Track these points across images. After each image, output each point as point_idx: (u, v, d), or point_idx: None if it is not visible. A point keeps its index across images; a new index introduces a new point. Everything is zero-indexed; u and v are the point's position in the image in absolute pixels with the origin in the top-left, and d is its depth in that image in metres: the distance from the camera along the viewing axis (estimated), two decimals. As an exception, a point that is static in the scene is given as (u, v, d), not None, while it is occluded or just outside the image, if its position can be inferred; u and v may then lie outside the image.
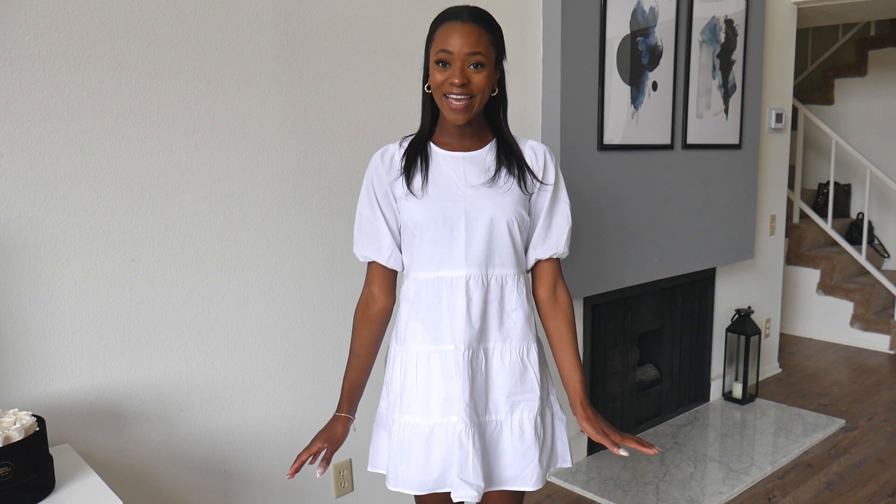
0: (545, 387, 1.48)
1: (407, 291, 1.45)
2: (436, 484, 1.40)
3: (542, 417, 1.46)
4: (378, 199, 1.44)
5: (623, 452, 1.37)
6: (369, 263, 1.50)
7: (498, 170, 1.40)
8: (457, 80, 1.30)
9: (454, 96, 1.32)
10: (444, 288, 1.39)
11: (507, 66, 1.44)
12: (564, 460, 1.51)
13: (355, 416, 1.51)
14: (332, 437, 1.46)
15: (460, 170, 1.40)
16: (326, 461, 1.43)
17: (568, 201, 1.49)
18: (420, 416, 1.41)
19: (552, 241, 1.47)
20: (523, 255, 1.46)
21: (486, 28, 1.33)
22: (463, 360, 1.38)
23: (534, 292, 1.51)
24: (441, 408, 1.40)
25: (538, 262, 1.49)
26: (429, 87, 1.38)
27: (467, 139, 1.43)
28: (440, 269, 1.39)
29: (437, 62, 1.33)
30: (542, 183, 1.44)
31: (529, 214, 1.44)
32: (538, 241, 1.46)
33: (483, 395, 1.41)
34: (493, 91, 1.39)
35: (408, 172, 1.40)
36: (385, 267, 1.48)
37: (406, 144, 1.45)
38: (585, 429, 1.42)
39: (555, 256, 1.48)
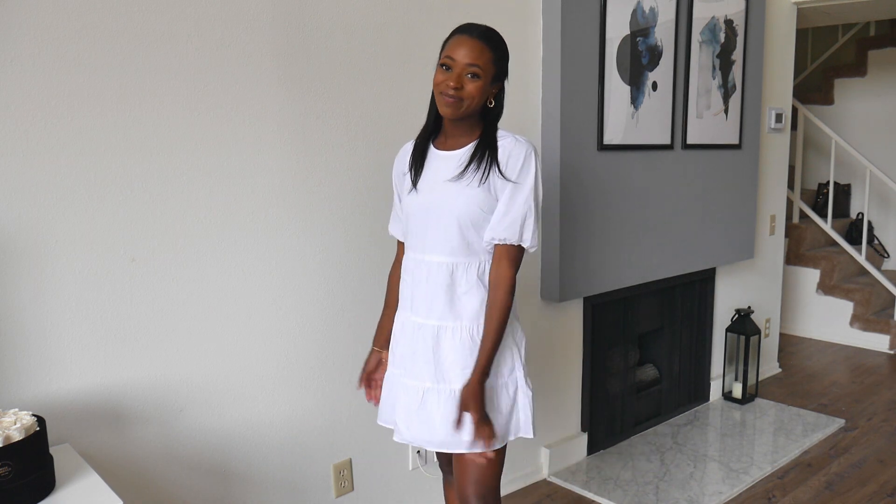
0: (506, 363, 1.61)
1: (402, 265, 1.71)
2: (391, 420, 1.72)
3: (498, 390, 1.60)
4: (398, 188, 1.73)
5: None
6: (398, 240, 1.80)
7: (465, 168, 1.56)
8: (452, 84, 1.50)
9: (447, 95, 1.51)
10: (413, 267, 1.64)
11: (508, 71, 1.60)
12: (527, 431, 1.64)
13: (387, 350, 1.81)
14: (366, 366, 1.86)
15: (439, 168, 1.61)
16: (367, 384, 1.86)
17: (532, 194, 1.54)
18: (395, 367, 1.71)
19: (504, 226, 1.54)
20: (481, 247, 1.58)
21: (491, 47, 1.52)
22: (414, 328, 1.63)
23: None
24: (397, 361, 1.69)
25: (495, 244, 1.57)
26: None
27: (454, 138, 1.61)
28: (413, 251, 1.65)
29: (442, 65, 1.53)
30: (501, 174, 1.54)
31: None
32: (494, 224, 1.56)
33: (437, 364, 1.59)
34: (490, 103, 1.58)
35: (410, 171, 1.65)
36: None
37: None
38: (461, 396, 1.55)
39: (506, 242, 1.55)
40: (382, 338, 1.82)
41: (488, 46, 1.52)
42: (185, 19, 1.73)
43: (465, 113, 1.54)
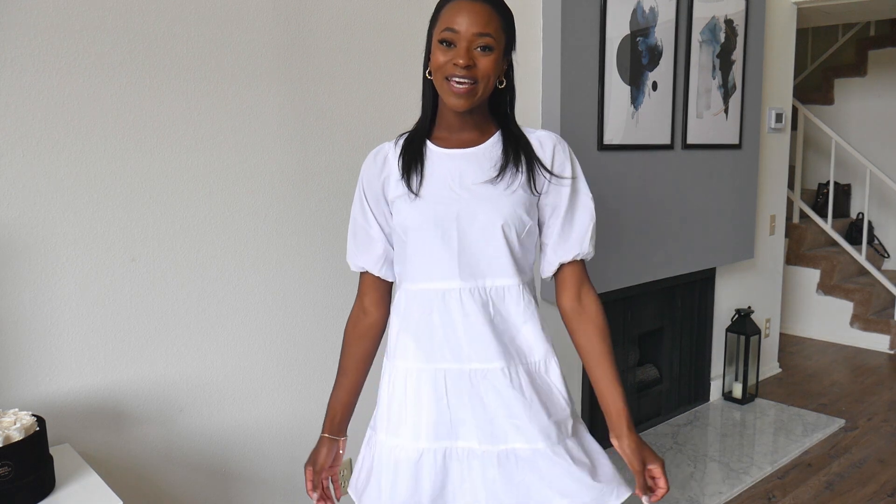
0: (572, 403, 1.33)
1: (398, 303, 1.32)
2: None
3: (579, 438, 1.30)
4: (369, 203, 1.33)
5: (645, 501, 1.25)
6: (361, 274, 1.39)
7: (504, 167, 1.25)
8: (461, 62, 1.17)
9: (457, 79, 1.19)
10: (437, 300, 1.26)
11: (515, 58, 1.33)
12: (619, 481, 1.27)
13: (344, 436, 1.43)
14: (315, 461, 1.39)
15: (455, 169, 1.27)
16: (325, 488, 1.38)
17: (590, 195, 1.32)
18: (408, 439, 1.26)
19: (574, 240, 1.30)
20: (527, 262, 1.30)
21: (498, 11, 1.22)
22: (469, 381, 1.25)
23: (558, 301, 1.34)
24: (431, 432, 1.25)
25: (561, 265, 1.32)
26: (430, 73, 1.25)
27: (467, 132, 1.29)
28: (432, 279, 1.26)
29: (441, 41, 1.20)
30: (552, 174, 1.28)
31: (539, 216, 1.31)
32: (559, 241, 1.30)
33: (496, 420, 1.24)
34: (501, 83, 1.27)
35: (406, 172, 1.28)
36: (377, 277, 1.37)
37: (402, 142, 1.32)
38: (627, 457, 1.24)
39: (579, 258, 1.31)
40: (338, 419, 1.41)
41: (496, 10, 1.21)
42: (185, 19, 1.73)
43: (481, 99, 1.22)
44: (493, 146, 1.29)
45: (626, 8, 2.68)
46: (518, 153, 1.27)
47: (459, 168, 1.27)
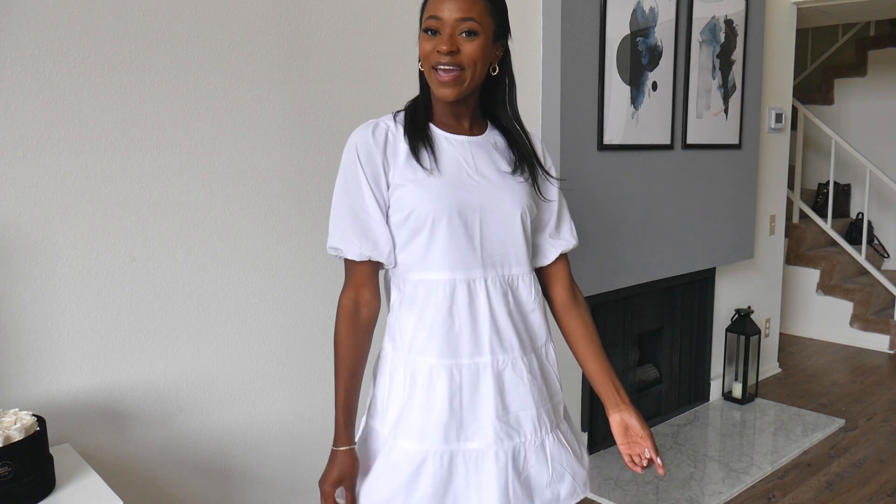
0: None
1: (413, 295, 1.24)
2: None
3: (568, 422, 1.41)
4: (370, 183, 1.23)
5: (638, 469, 1.35)
6: (357, 263, 1.26)
7: (519, 160, 1.30)
8: (444, 48, 1.16)
9: (442, 66, 1.18)
10: (460, 292, 1.22)
11: (512, 46, 1.32)
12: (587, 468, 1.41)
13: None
14: (348, 475, 1.25)
15: (469, 156, 1.26)
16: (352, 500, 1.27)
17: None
18: (414, 441, 1.22)
19: (566, 233, 1.41)
20: (531, 252, 1.34)
21: None
22: (491, 374, 1.24)
23: (549, 292, 1.42)
24: (439, 434, 1.22)
25: (556, 258, 1.40)
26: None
27: (466, 121, 1.29)
28: (455, 269, 1.22)
29: (426, 30, 1.20)
30: (548, 175, 1.36)
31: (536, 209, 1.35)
32: (555, 234, 1.39)
33: (510, 411, 1.26)
34: (494, 70, 1.26)
35: (416, 152, 1.23)
36: (377, 266, 1.27)
37: (401, 119, 1.28)
38: (633, 426, 1.33)
39: (570, 248, 1.42)
40: (353, 426, 1.28)
41: None
42: (184, 19, 1.73)
43: (471, 87, 1.21)
44: (493, 136, 1.32)
45: (626, 8, 2.68)
46: (526, 147, 1.32)
47: (472, 154, 1.27)
